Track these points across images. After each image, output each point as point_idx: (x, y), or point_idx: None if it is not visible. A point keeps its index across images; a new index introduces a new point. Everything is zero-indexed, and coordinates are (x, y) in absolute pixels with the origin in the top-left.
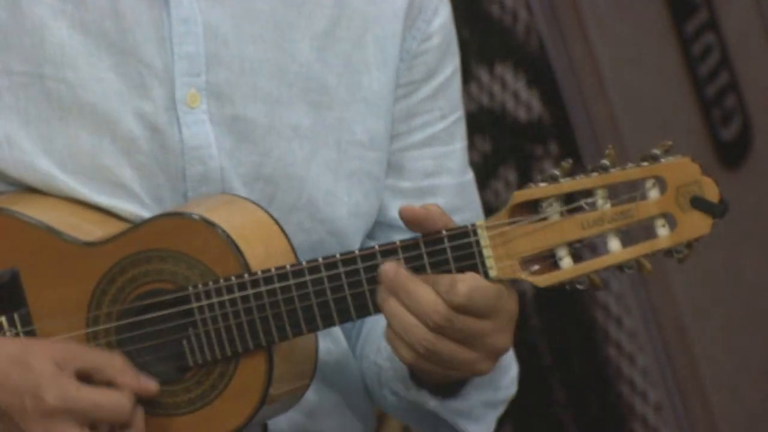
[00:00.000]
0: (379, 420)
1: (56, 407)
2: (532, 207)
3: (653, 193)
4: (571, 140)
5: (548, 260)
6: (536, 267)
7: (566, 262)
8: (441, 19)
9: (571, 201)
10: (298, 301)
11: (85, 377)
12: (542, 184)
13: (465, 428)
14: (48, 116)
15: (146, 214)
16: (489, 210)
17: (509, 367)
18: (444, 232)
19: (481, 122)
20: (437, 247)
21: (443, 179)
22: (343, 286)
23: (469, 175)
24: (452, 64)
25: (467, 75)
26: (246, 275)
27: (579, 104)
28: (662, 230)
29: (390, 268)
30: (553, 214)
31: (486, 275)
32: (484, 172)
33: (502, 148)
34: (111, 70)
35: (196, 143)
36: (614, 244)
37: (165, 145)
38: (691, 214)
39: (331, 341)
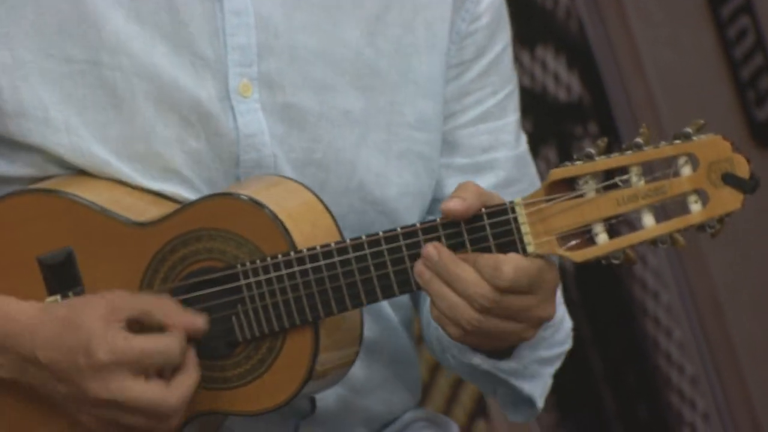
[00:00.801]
0: (424, 391)
1: (107, 361)
2: (569, 184)
3: (686, 170)
4: (609, 120)
5: (584, 236)
6: (573, 243)
7: (602, 237)
8: None
9: (606, 178)
10: (343, 278)
11: (136, 324)
12: (578, 163)
13: (520, 386)
14: (104, 103)
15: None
16: None
17: (562, 323)
18: (483, 210)
19: (523, 103)
20: (477, 224)
21: (500, 153)
22: (386, 262)
23: (523, 147)
24: (502, 41)
25: None
26: (292, 253)
27: (617, 85)
28: (695, 206)
29: (433, 250)
30: (589, 191)
31: (524, 251)
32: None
33: (543, 128)
34: (165, 59)
35: (249, 131)
36: (648, 219)
37: (219, 132)
38: (723, 189)
39: (377, 319)
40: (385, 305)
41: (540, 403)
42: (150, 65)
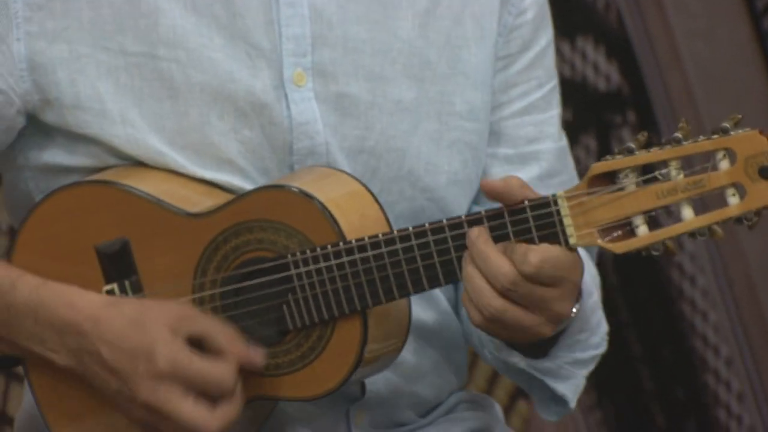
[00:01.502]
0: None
1: (166, 372)
2: (610, 178)
3: (724, 164)
4: (647, 109)
5: (625, 228)
6: (614, 235)
7: (642, 229)
8: None
9: (646, 172)
10: (390, 268)
11: (196, 343)
12: (619, 157)
13: (553, 386)
14: (159, 95)
15: (251, 186)
16: None
17: (598, 327)
18: (526, 203)
19: (563, 93)
20: (520, 217)
21: (544, 144)
22: (432, 253)
23: (565, 140)
24: (546, 36)
25: None
26: (341, 243)
27: (655, 75)
28: (732, 199)
29: (473, 232)
30: (629, 184)
31: (566, 243)
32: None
33: (583, 117)
34: (221, 51)
35: (303, 119)
36: (687, 212)
37: (273, 121)
38: (760, 183)
39: (430, 304)
40: (437, 291)
41: (572, 403)
42: (206, 59)
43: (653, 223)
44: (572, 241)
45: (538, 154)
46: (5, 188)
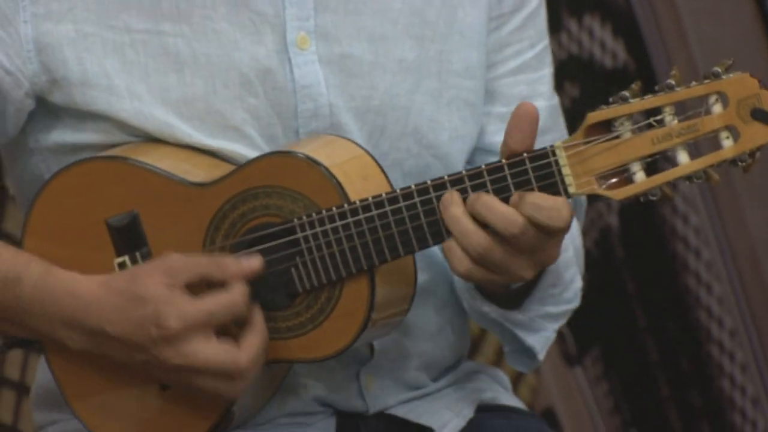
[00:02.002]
0: (475, 343)
1: (179, 328)
2: (605, 127)
3: (716, 108)
4: (653, 86)
5: (622, 175)
6: (612, 182)
7: (639, 176)
8: None
9: (640, 120)
10: (395, 226)
11: (196, 286)
12: (614, 105)
13: (523, 338)
14: (165, 69)
15: (257, 154)
16: None
17: (572, 282)
18: (525, 155)
19: (571, 70)
20: (519, 169)
21: (537, 102)
22: (434, 209)
23: (556, 99)
24: None
25: (558, 26)
26: (346, 205)
27: (661, 53)
28: (726, 142)
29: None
30: (625, 132)
31: (566, 192)
32: (573, 115)
33: (590, 94)
34: (224, 21)
35: (306, 82)
36: (683, 156)
37: (277, 86)
38: (753, 125)
39: (431, 263)
40: (435, 251)
41: (540, 356)
42: (210, 31)
43: (650, 169)
44: (572, 189)
45: None
46: (15, 176)
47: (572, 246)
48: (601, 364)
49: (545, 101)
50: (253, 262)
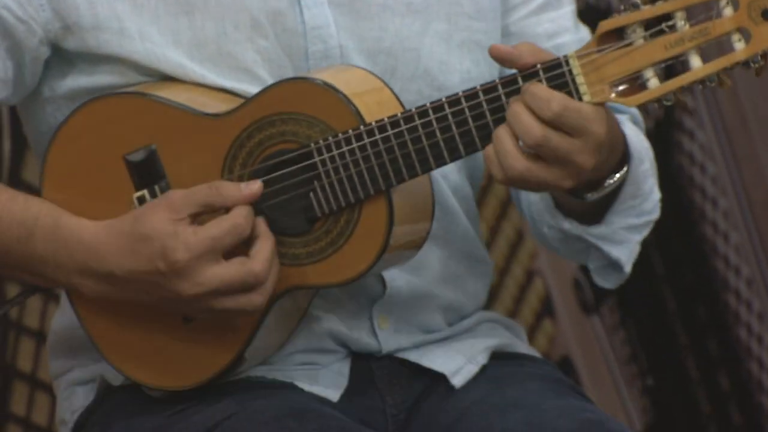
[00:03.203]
0: (492, 292)
1: (187, 259)
2: (618, 35)
3: (727, 11)
4: None
5: (636, 82)
6: (625, 88)
7: (653, 82)
8: None
9: (652, 26)
10: (411, 144)
11: (201, 215)
12: (625, 13)
13: (608, 251)
14: (176, 11)
15: None
16: None
17: (651, 193)
18: (539, 66)
19: (589, 19)
20: (534, 80)
21: (564, 37)
22: (450, 126)
23: (583, 31)
24: None
25: None
26: (361, 126)
27: None
28: (738, 44)
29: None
30: (637, 39)
31: (580, 100)
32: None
33: None
34: None
35: (316, 24)
36: (695, 61)
37: (287, 27)
38: (764, 26)
39: (445, 209)
40: (450, 197)
41: (627, 267)
42: None
43: (663, 75)
44: (586, 98)
45: (558, 48)
46: (32, 129)
47: (648, 158)
48: (618, 312)
49: (572, 35)
50: (252, 185)
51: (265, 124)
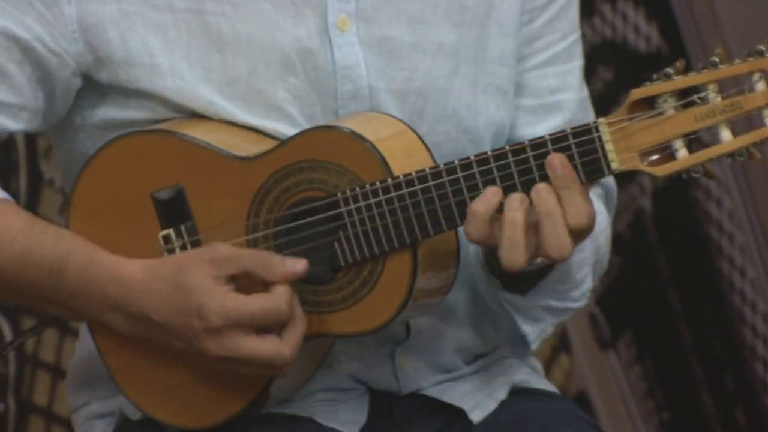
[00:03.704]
0: None
1: (221, 324)
2: (649, 103)
3: (760, 86)
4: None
5: (665, 152)
6: (654, 158)
7: (682, 153)
8: None
9: (684, 97)
10: (438, 201)
11: (241, 280)
12: (657, 82)
13: (519, 325)
14: (207, 49)
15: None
16: None
17: (582, 283)
18: (568, 130)
19: (604, 53)
20: (563, 144)
21: (566, 95)
22: (478, 185)
23: (586, 91)
24: None
25: (592, 10)
26: (389, 179)
27: (695, 37)
28: None
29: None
30: (668, 109)
31: (608, 168)
32: (607, 99)
33: (623, 77)
34: (266, 1)
35: (346, 63)
36: (726, 134)
37: (318, 66)
38: None
39: (468, 261)
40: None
41: (533, 346)
42: (252, 11)
43: (692, 146)
44: (614, 165)
45: (560, 104)
46: (63, 155)
47: (590, 245)
48: (635, 347)
49: (575, 93)
50: (298, 266)
51: (294, 171)
